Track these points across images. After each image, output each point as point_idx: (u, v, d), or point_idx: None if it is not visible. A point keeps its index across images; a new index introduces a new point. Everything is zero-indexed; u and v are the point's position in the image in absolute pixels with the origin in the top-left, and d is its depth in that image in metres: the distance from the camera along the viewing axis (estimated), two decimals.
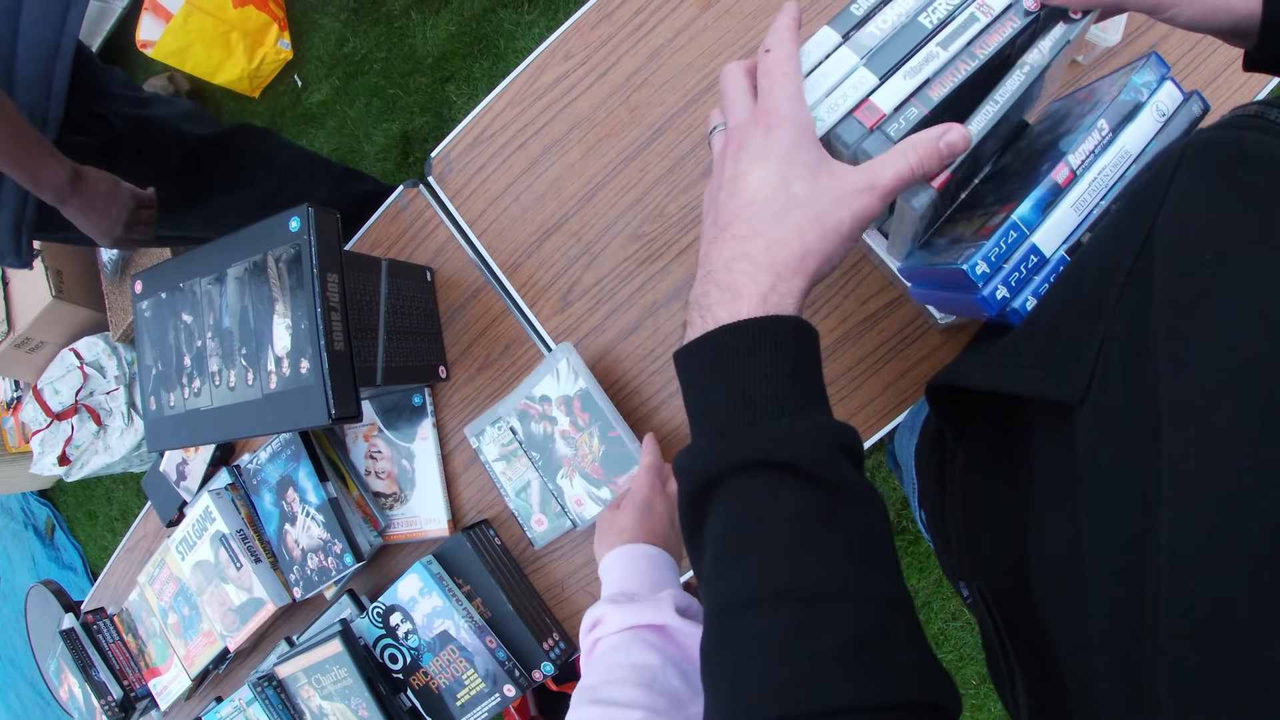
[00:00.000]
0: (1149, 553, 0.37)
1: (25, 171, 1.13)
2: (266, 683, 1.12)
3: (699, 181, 0.96)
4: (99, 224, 1.24)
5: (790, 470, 0.47)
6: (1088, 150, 0.56)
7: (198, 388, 0.92)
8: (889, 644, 0.45)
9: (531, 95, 1.06)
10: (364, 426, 1.11)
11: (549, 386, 0.97)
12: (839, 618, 0.44)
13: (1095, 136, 0.56)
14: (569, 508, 0.96)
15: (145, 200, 1.30)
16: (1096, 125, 0.56)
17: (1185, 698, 0.35)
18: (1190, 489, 0.36)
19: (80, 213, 1.21)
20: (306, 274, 0.83)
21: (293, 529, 1.11)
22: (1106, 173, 0.56)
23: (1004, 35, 0.56)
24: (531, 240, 1.04)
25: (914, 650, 0.46)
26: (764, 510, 0.47)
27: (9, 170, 1.13)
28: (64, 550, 3.38)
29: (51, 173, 1.16)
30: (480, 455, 1.02)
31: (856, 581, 0.46)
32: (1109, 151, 0.56)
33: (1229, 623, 0.34)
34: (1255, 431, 0.35)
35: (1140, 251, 0.44)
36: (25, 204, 1.24)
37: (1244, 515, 0.34)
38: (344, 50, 2.54)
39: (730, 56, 0.96)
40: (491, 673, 0.97)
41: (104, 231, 1.25)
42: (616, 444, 0.94)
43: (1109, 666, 0.40)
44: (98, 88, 1.33)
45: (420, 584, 0.99)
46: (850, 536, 0.47)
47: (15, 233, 1.25)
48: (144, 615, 1.33)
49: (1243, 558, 0.34)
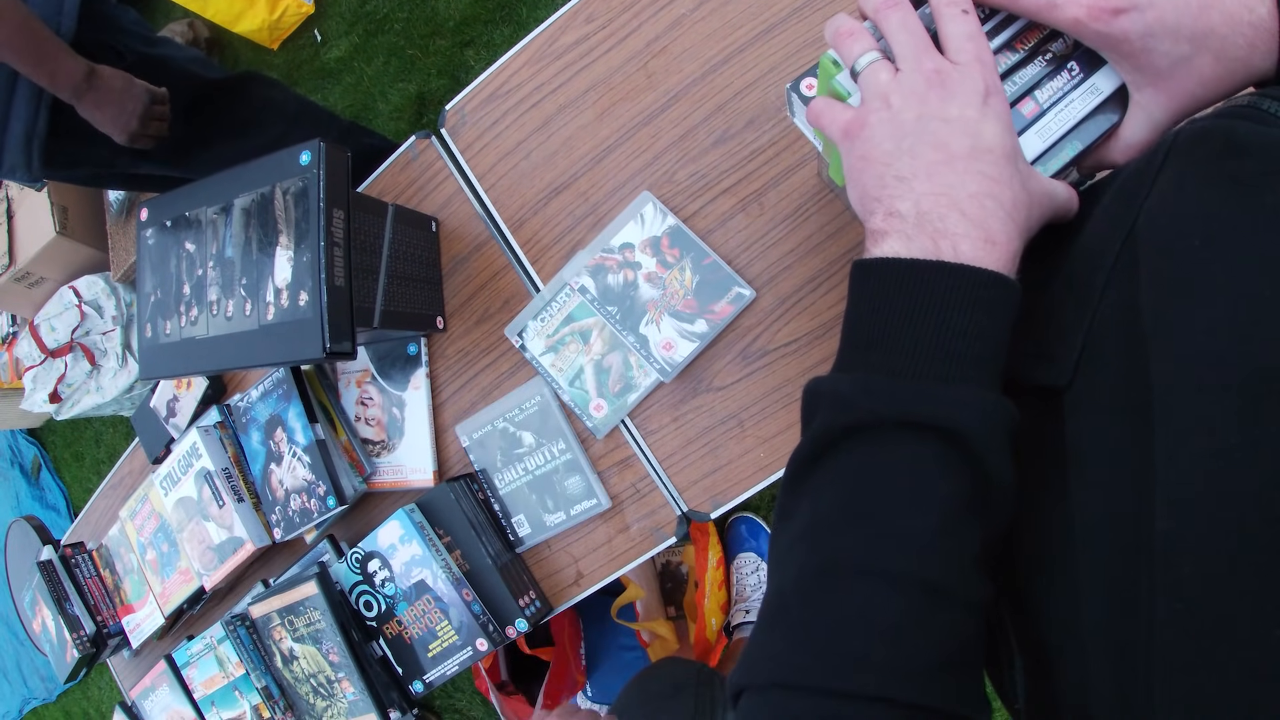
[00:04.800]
0: (1142, 536, 0.38)
1: (42, 67, 1.16)
2: (239, 622, 1.12)
3: (710, 150, 0.96)
4: (115, 118, 1.26)
5: (960, 446, 0.44)
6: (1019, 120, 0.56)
7: (195, 316, 0.92)
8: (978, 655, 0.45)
9: (551, 55, 1.06)
10: (357, 372, 1.11)
11: (631, 233, 0.97)
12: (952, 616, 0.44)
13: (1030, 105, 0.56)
14: (655, 355, 0.94)
15: (159, 96, 1.33)
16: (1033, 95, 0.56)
17: (1180, 678, 0.35)
18: (1180, 471, 0.37)
19: (96, 108, 1.24)
20: (313, 208, 0.83)
21: (278, 469, 1.11)
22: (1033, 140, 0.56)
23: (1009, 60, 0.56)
24: (539, 198, 1.04)
25: (981, 661, 0.47)
26: (919, 481, 0.44)
27: (26, 66, 1.14)
28: (49, 490, 3.39)
29: (68, 67, 1.19)
30: (525, 353, 1.02)
31: (979, 586, 0.45)
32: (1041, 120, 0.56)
33: (1221, 602, 0.34)
34: (1239, 410, 0.35)
35: (1127, 238, 0.44)
36: (36, 118, 1.25)
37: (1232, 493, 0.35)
38: (366, 8, 2.53)
39: (751, 30, 0.96)
40: (465, 625, 0.97)
41: (120, 126, 1.27)
42: (712, 269, 0.93)
43: (1103, 650, 0.40)
44: (109, 19, 1.35)
45: (401, 531, 0.99)
46: (986, 536, 0.45)
47: (26, 146, 1.26)
48: (123, 551, 1.33)
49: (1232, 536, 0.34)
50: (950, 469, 0.44)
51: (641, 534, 0.98)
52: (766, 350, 0.92)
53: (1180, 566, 0.35)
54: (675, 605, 1.73)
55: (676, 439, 0.96)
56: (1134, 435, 0.40)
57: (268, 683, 1.12)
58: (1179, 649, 0.35)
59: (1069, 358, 0.45)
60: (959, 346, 0.45)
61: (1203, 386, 0.37)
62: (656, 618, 1.64)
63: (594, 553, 1.01)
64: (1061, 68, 0.56)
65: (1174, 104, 0.50)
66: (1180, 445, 0.37)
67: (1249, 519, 0.34)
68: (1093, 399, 0.44)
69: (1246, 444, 0.35)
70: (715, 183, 0.96)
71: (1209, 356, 0.37)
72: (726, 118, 0.96)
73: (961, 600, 0.44)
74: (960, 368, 0.45)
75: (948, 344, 0.45)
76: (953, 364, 0.45)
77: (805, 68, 0.66)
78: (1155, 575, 0.36)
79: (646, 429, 0.98)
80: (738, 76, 0.96)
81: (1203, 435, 0.36)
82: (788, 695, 0.44)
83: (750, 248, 0.94)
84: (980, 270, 0.45)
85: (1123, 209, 0.46)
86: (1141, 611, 0.37)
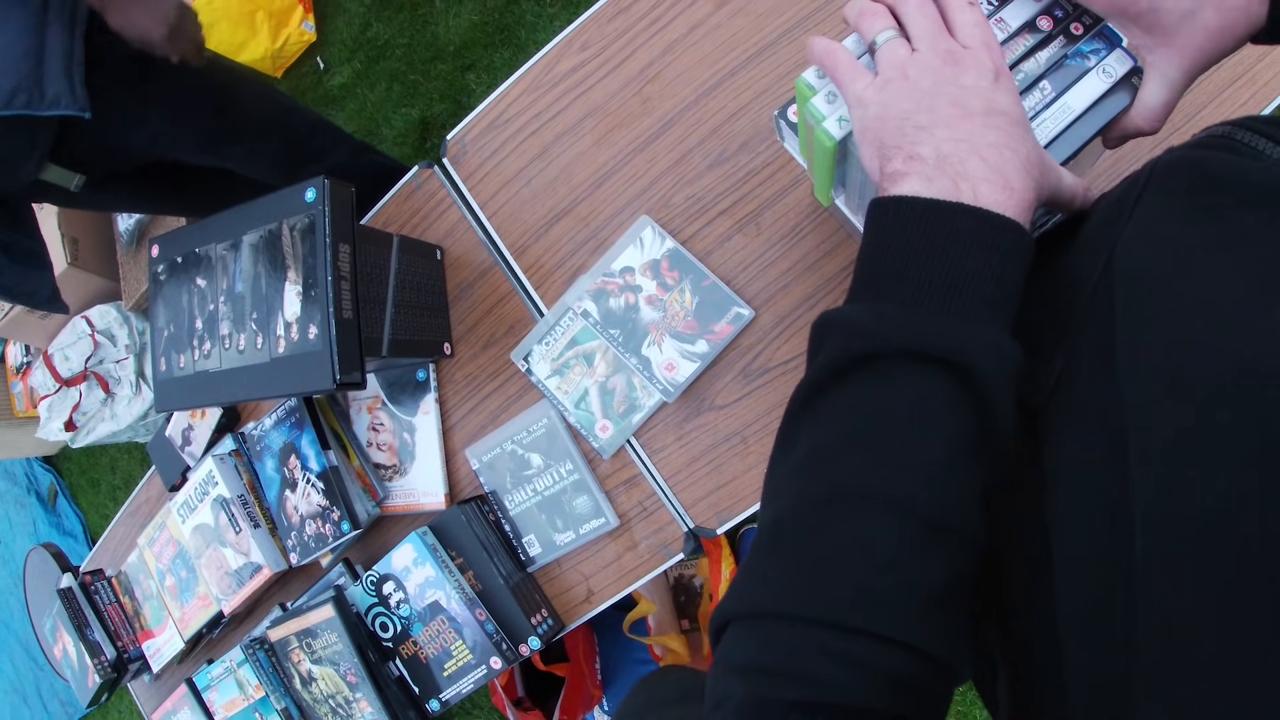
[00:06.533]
0: (1120, 554, 0.39)
1: None
2: (258, 645, 1.14)
3: (706, 173, 0.98)
4: (144, 20, 1.21)
5: (968, 383, 0.44)
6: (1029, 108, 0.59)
7: (208, 350, 0.94)
8: (968, 595, 0.46)
9: (547, 83, 1.08)
10: (368, 399, 1.14)
11: (631, 257, 0.99)
12: (950, 553, 0.44)
13: (1037, 95, 0.59)
14: (658, 375, 0.96)
15: (190, 11, 1.28)
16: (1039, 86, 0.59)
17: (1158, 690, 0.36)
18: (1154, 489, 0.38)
19: (123, 10, 1.19)
20: (320, 243, 0.86)
21: (293, 495, 1.13)
22: (1046, 125, 0.58)
23: (1015, 52, 0.59)
24: (541, 224, 1.06)
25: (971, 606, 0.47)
26: (926, 414, 0.45)
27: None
28: (65, 517, 3.41)
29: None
30: (531, 376, 1.04)
31: (976, 523, 0.45)
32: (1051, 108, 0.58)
33: (1198, 617, 0.35)
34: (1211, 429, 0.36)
35: (1105, 267, 0.45)
36: (72, 43, 1.20)
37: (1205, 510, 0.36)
38: (367, 35, 2.56)
39: (743, 54, 0.98)
40: (479, 644, 0.99)
41: (159, 18, 1.22)
42: (712, 290, 0.96)
43: (1082, 663, 0.41)
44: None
45: (414, 554, 1.01)
46: (988, 475, 0.46)
47: (67, 73, 1.21)
48: (141, 577, 1.36)
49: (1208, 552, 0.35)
50: (958, 406, 0.44)
51: (650, 551, 1.00)
52: (767, 368, 0.94)
53: (1158, 582, 0.37)
54: (689, 618, 1.74)
55: (681, 457, 0.98)
56: (1109, 454, 0.41)
57: (287, 704, 1.14)
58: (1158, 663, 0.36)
59: (1047, 379, 0.47)
60: (975, 286, 0.45)
61: (1174, 407, 0.38)
62: (669, 631, 1.65)
63: (604, 570, 1.03)
64: (1070, 56, 0.59)
65: (1186, 60, 0.51)
66: (1152, 464, 0.38)
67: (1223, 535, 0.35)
68: (1069, 419, 0.45)
69: (1209, 460, 0.36)
70: (712, 205, 0.98)
71: (1180, 379, 0.38)
72: (721, 140, 0.98)
73: (959, 536, 0.44)
74: (974, 306, 0.45)
75: (964, 283, 0.45)
76: (967, 302, 0.45)
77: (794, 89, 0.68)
78: (1135, 591, 0.37)
79: (652, 448, 1.00)
80: (731, 100, 0.99)
81: (1172, 454, 0.37)
82: (778, 624, 0.44)
83: (748, 268, 0.96)
84: (1000, 216, 0.46)
85: (1102, 238, 0.48)
86: (1119, 628, 0.38)
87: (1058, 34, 0.59)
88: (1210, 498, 0.35)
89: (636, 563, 1.01)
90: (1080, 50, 0.59)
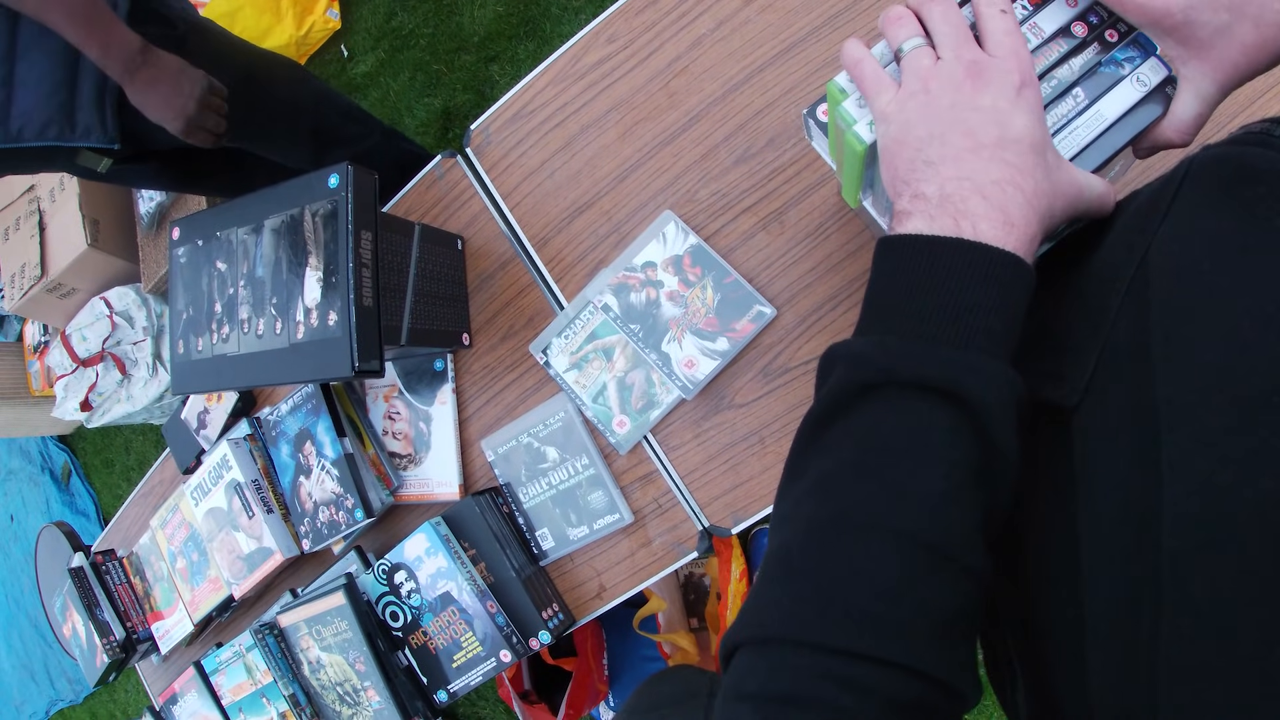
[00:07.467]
0: (1148, 555, 0.38)
1: (93, 36, 1.10)
2: (268, 630, 1.14)
3: (731, 169, 0.97)
4: (170, 100, 1.19)
5: (969, 413, 0.45)
6: (1060, 115, 0.58)
7: (226, 334, 0.94)
8: (974, 623, 0.46)
9: (573, 75, 1.07)
10: (385, 387, 1.13)
11: (654, 252, 0.99)
12: (954, 580, 0.44)
13: (1069, 102, 0.58)
14: (677, 372, 0.96)
15: (218, 88, 1.26)
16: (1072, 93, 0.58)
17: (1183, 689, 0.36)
18: (1187, 488, 0.37)
19: (149, 86, 1.17)
20: (341, 230, 0.85)
21: (307, 481, 1.13)
22: (1078, 133, 0.58)
23: (1049, 58, 0.58)
24: (563, 216, 1.06)
25: (976, 634, 0.47)
26: (929, 445, 0.45)
27: (77, 33, 1.09)
28: (78, 496, 3.44)
29: (120, 38, 1.12)
30: (550, 369, 1.03)
31: (978, 553, 0.45)
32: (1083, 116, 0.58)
33: (1226, 616, 0.35)
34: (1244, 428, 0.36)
35: (1140, 263, 0.45)
36: (106, 76, 1.19)
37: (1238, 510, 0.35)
38: (392, 24, 2.56)
39: (771, 50, 0.97)
40: (490, 637, 0.99)
41: (177, 109, 1.20)
42: (734, 287, 0.95)
43: (1107, 661, 0.41)
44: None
45: (427, 544, 1.01)
46: (990, 504, 0.46)
47: (99, 104, 1.21)
48: (153, 559, 1.36)
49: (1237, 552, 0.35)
50: (959, 435, 0.45)
51: (663, 548, 0.99)
52: (787, 368, 0.93)
53: (1187, 582, 0.36)
54: (698, 617, 1.74)
55: (698, 455, 0.97)
56: (1141, 454, 0.40)
57: (295, 690, 1.14)
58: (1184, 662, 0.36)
59: (1080, 378, 0.47)
60: (975, 318, 0.47)
61: (1208, 406, 0.38)
62: (679, 629, 1.64)
63: (616, 566, 1.02)
64: (1104, 63, 0.58)
65: (1220, 74, 0.51)
66: (1186, 463, 0.38)
67: (1254, 535, 0.34)
68: (1101, 418, 0.45)
69: (1251, 461, 0.35)
70: (736, 201, 0.97)
71: (1214, 376, 0.38)
72: (747, 137, 0.98)
73: (962, 565, 0.44)
74: (974, 337, 0.46)
75: (964, 315, 0.47)
76: (967, 333, 0.46)
77: (824, 88, 0.67)
78: (1163, 591, 0.37)
79: (669, 445, 0.99)
80: (758, 96, 0.98)
81: (1208, 453, 0.37)
82: (788, 649, 0.44)
83: (771, 266, 0.95)
84: (996, 249, 0.47)
85: (1137, 234, 0.47)
86: (1146, 627, 0.38)
87: (1092, 40, 0.58)
88: (1253, 499, 0.35)
89: (649, 560, 1.00)
90: (1114, 58, 0.58)
